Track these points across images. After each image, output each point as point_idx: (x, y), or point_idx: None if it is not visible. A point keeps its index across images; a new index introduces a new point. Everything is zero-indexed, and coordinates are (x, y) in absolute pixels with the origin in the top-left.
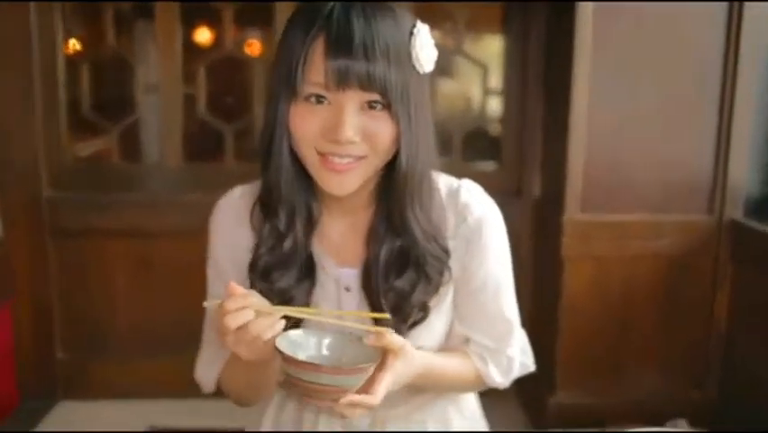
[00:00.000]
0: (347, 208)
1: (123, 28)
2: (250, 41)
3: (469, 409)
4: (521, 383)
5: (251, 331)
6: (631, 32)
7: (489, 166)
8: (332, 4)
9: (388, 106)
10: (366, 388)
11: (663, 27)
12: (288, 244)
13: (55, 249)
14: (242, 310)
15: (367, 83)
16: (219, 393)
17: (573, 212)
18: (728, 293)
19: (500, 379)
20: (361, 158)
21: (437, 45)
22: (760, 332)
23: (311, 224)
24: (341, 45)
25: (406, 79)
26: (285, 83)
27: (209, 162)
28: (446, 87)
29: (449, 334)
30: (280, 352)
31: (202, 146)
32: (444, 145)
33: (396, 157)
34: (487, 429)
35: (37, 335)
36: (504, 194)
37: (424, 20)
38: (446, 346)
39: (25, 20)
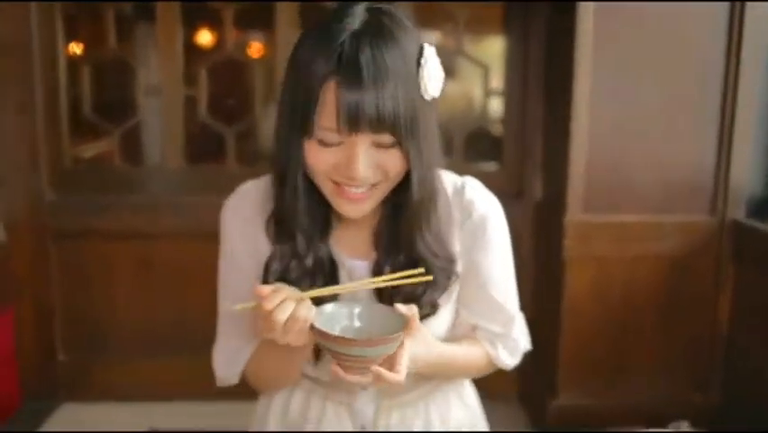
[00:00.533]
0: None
1: (124, 30)
2: (251, 43)
3: (470, 397)
4: (522, 385)
5: (299, 319)
6: (632, 32)
7: (490, 167)
8: (341, 41)
9: (398, 142)
10: (389, 366)
11: (665, 27)
12: (309, 258)
13: (57, 251)
14: (282, 304)
15: (377, 126)
16: (220, 395)
17: (575, 213)
18: (730, 294)
19: (509, 360)
20: (373, 186)
21: (438, 46)
22: (762, 333)
23: (327, 235)
24: (351, 91)
25: (415, 111)
26: (297, 123)
27: (210, 165)
28: (447, 88)
29: (455, 323)
30: (314, 328)
31: (203, 148)
32: (446, 146)
33: (407, 184)
34: (485, 421)
35: (39, 337)
36: (505, 195)
37: (424, 20)
38: (453, 334)
39: (26, 22)
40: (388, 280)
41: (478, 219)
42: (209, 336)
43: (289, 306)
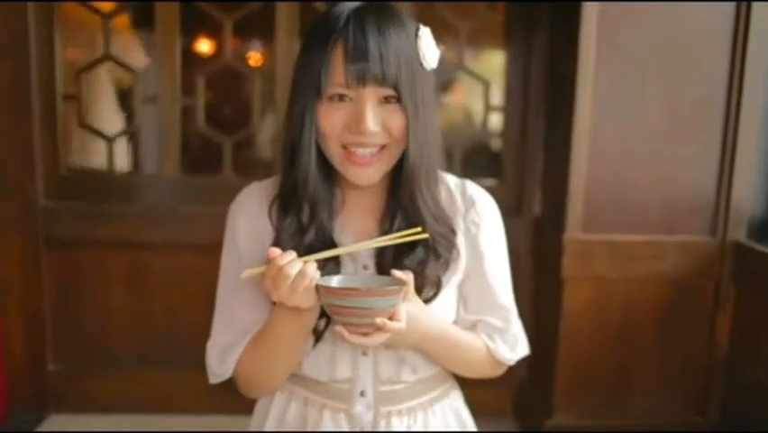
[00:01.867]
0: (363, 194)
1: (122, 37)
2: (250, 52)
3: (465, 414)
4: (518, 403)
5: (307, 275)
6: (635, 50)
7: (489, 182)
8: (346, 14)
9: (399, 100)
10: (390, 319)
11: (667, 46)
12: (311, 234)
13: (49, 259)
14: (291, 261)
15: (381, 79)
16: (212, 409)
17: (574, 231)
18: (731, 315)
19: (509, 354)
20: (381, 148)
21: (439, 60)
22: (762, 354)
23: (333, 211)
24: (357, 49)
25: (415, 76)
26: (310, 86)
27: (207, 174)
28: (448, 102)
29: (455, 320)
30: (320, 286)
31: (200, 158)
32: (445, 161)
33: (406, 147)
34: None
35: (28, 345)
36: (504, 210)
37: None
38: None
39: (24, 28)
40: (388, 240)
41: (481, 209)
42: (202, 347)
43: (298, 263)
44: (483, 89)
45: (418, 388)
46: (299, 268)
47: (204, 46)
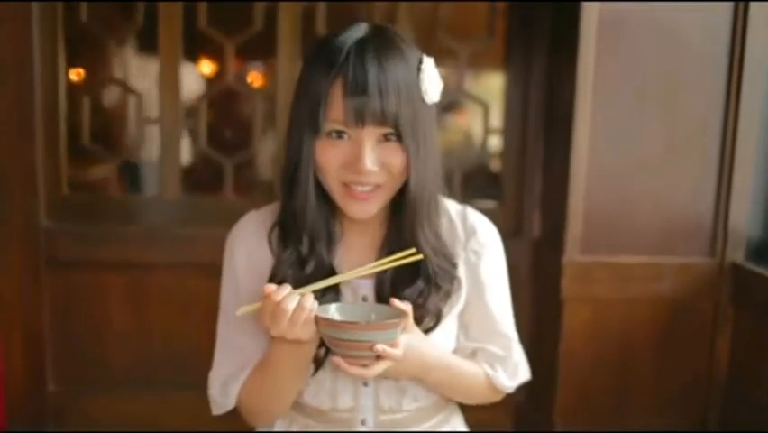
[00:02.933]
0: (363, 228)
1: (125, 60)
2: (251, 74)
3: (462, 425)
4: (518, 424)
5: (305, 307)
6: (633, 73)
7: (489, 204)
8: (348, 46)
9: (399, 138)
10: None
11: (665, 70)
12: (311, 265)
13: (50, 279)
14: (288, 296)
15: (381, 119)
16: (212, 429)
17: (573, 253)
18: (729, 336)
19: (509, 382)
20: (379, 186)
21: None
22: (762, 375)
23: (332, 243)
24: (357, 86)
25: (416, 112)
26: (308, 120)
27: (208, 196)
28: (447, 125)
29: (455, 349)
30: (319, 317)
31: (201, 179)
32: (445, 183)
33: (407, 181)
34: None
35: (28, 366)
36: (504, 232)
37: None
38: None
39: (28, 51)
40: (382, 265)
41: (482, 238)
42: (202, 368)
43: (295, 297)
44: (483, 112)
45: (419, 415)
46: (297, 301)
47: (206, 68)
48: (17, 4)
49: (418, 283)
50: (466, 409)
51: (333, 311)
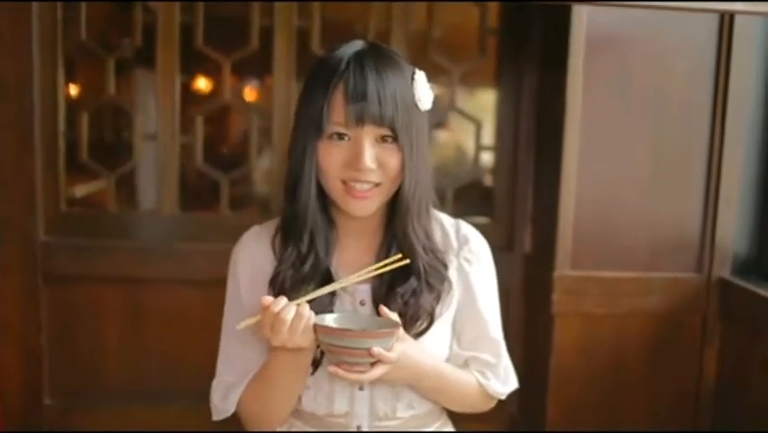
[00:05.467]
0: (360, 231)
1: (123, 77)
2: (248, 91)
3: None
4: None
5: (303, 315)
6: (621, 92)
7: (480, 220)
8: (347, 58)
9: (395, 139)
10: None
11: (652, 88)
12: (309, 263)
13: (47, 294)
14: (286, 306)
15: (379, 120)
16: None
17: (564, 268)
18: (717, 350)
19: (501, 389)
20: (376, 185)
21: (432, 101)
22: (749, 389)
23: (330, 245)
24: (357, 92)
25: (410, 117)
26: (312, 124)
27: (204, 212)
28: (440, 141)
29: (448, 357)
30: (318, 325)
31: (198, 195)
32: (437, 197)
33: (401, 181)
34: None
35: (25, 380)
36: (495, 248)
37: None
38: None
39: (28, 67)
40: (371, 272)
41: (474, 248)
42: (199, 383)
43: (293, 307)
44: (474, 129)
45: (413, 424)
46: (295, 311)
47: (202, 85)
48: (17, 22)
49: (411, 281)
50: (459, 422)
51: (329, 320)
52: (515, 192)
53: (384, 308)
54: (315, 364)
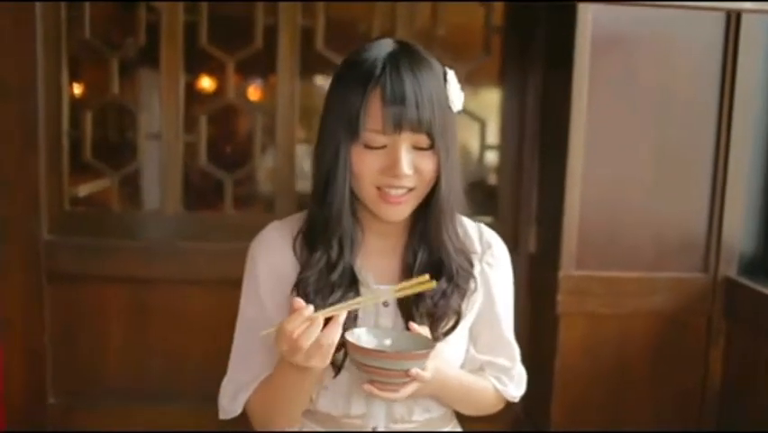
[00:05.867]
0: (386, 232)
1: (127, 76)
2: (251, 90)
3: None
4: None
5: (323, 345)
6: (627, 91)
7: (486, 220)
8: (382, 60)
9: (431, 145)
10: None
11: (658, 88)
12: (338, 271)
13: (51, 293)
14: (307, 330)
15: (417, 126)
16: None
17: (569, 268)
18: (723, 350)
19: (516, 393)
20: (411, 190)
21: None
22: (755, 389)
23: (356, 248)
24: (395, 96)
25: (445, 119)
26: (346, 129)
27: (208, 211)
28: None
29: (464, 362)
30: (350, 344)
31: (201, 194)
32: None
33: (437, 183)
34: None
35: (29, 379)
36: None
37: None
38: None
39: (32, 66)
40: (399, 291)
41: (497, 253)
42: (202, 383)
43: (314, 331)
44: (479, 128)
45: (428, 426)
46: (314, 337)
47: (206, 84)
48: (21, 21)
49: (441, 283)
50: (464, 422)
51: (363, 338)
52: (519, 192)
53: (415, 326)
54: (337, 367)
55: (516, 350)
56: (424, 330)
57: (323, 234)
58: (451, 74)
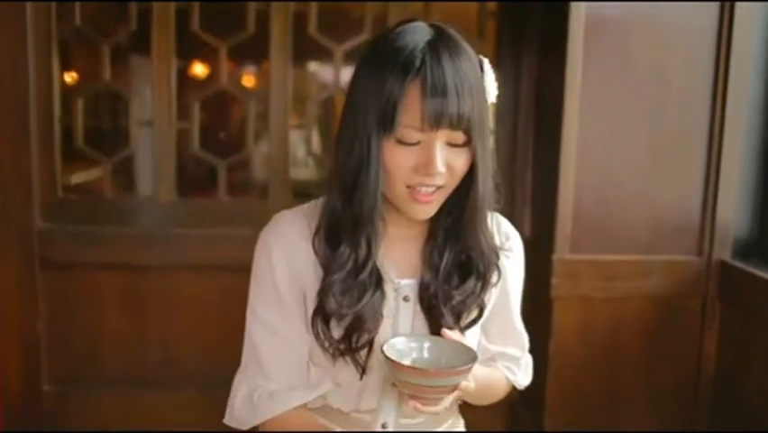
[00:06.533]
0: (406, 223)
1: (119, 62)
2: (244, 76)
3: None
4: (511, 423)
5: None
6: (621, 75)
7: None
8: (421, 49)
9: (466, 141)
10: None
11: (652, 70)
12: (367, 271)
13: (45, 281)
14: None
15: (457, 123)
16: (207, 429)
17: (563, 252)
18: (717, 333)
19: (525, 381)
20: (441, 187)
21: None
22: (749, 371)
23: (379, 244)
24: (437, 89)
25: (483, 114)
26: (379, 123)
27: (202, 197)
28: None
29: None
30: (395, 363)
31: (195, 181)
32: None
33: (470, 182)
34: None
35: (24, 366)
36: None
37: None
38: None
39: (23, 53)
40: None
41: (514, 246)
42: (198, 368)
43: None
44: None
45: (435, 419)
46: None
47: (199, 70)
48: (11, 8)
49: (469, 282)
50: (461, 410)
51: (396, 348)
52: (514, 176)
53: (448, 333)
54: (362, 368)
55: (525, 337)
56: (456, 335)
57: (350, 231)
58: (486, 63)
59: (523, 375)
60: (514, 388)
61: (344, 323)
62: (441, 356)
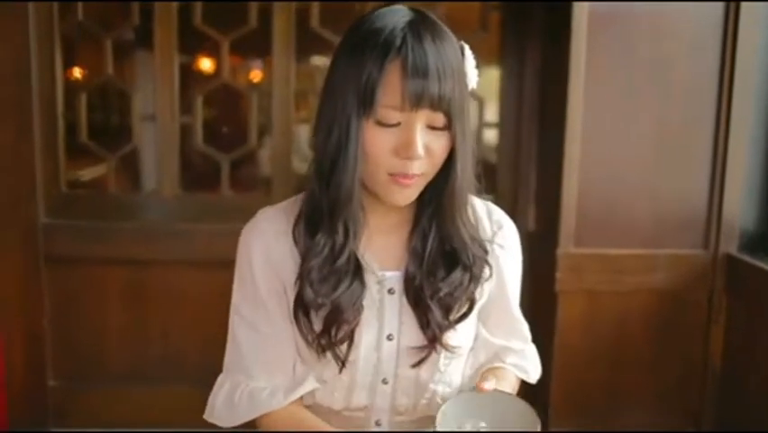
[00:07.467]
0: (388, 212)
1: (121, 57)
2: (247, 70)
3: None
4: None
5: None
6: (625, 67)
7: (484, 198)
8: (401, 28)
9: (446, 125)
10: None
11: (656, 63)
12: (344, 257)
13: (49, 276)
14: None
15: (438, 104)
16: (211, 424)
17: (567, 246)
18: (723, 327)
19: (536, 374)
20: (419, 175)
21: None
22: (755, 366)
23: (360, 232)
24: (418, 69)
25: (463, 99)
26: (358, 103)
27: (205, 192)
28: None
29: (475, 346)
30: None
31: (198, 176)
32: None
33: (452, 167)
34: None
35: (29, 362)
36: None
37: None
38: (476, 360)
39: (26, 48)
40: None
41: (508, 234)
42: (201, 363)
43: None
44: (478, 107)
45: (431, 418)
46: None
47: (202, 65)
48: (13, 4)
49: (456, 274)
50: None
51: (455, 420)
52: (518, 169)
53: (484, 386)
54: (341, 362)
55: (525, 326)
56: (492, 384)
57: (327, 217)
58: (467, 50)
59: (533, 369)
60: (522, 382)
61: (323, 313)
62: (498, 416)
